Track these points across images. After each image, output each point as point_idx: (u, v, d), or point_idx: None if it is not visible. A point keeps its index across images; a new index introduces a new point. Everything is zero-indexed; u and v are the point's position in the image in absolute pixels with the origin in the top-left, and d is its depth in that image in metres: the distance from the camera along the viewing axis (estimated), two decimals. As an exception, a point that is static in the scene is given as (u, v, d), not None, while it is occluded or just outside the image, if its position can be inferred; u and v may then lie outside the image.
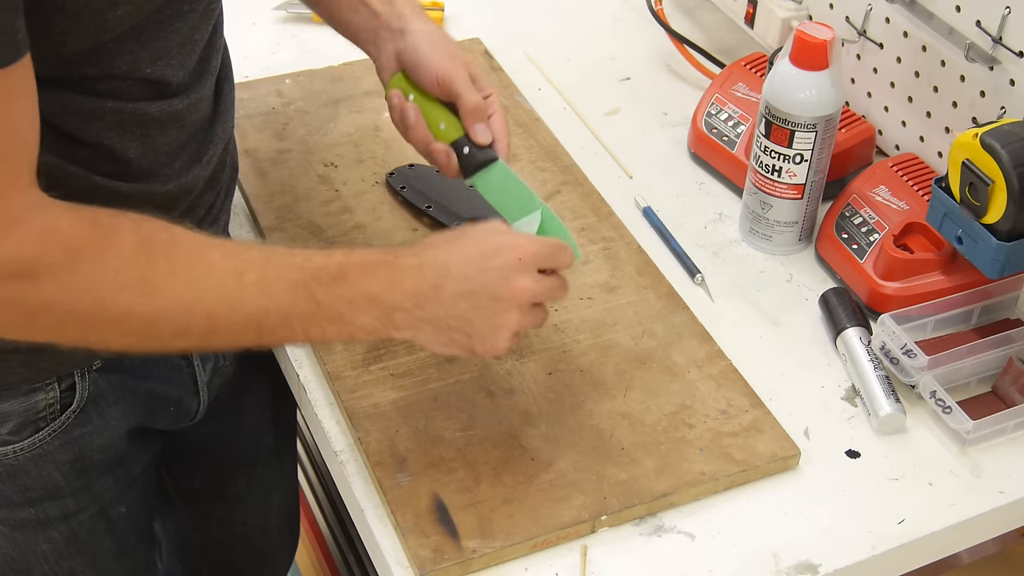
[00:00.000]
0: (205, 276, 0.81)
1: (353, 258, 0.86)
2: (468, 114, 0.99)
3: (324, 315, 0.84)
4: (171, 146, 0.93)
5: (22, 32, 0.72)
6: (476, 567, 0.91)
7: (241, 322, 0.83)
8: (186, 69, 0.91)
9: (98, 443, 1.03)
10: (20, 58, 0.72)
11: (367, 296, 0.85)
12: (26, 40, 0.73)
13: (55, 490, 1.03)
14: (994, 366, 1.07)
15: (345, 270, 0.85)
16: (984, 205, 1.01)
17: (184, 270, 0.81)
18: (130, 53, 0.84)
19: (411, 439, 0.98)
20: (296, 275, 0.84)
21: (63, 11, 0.77)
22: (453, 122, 1.00)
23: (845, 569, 0.94)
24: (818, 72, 1.11)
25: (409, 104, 1.01)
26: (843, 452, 1.02)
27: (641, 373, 1.05)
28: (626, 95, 1.41)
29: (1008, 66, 1.10)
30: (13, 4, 0.70)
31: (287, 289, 0.83)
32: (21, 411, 0.97)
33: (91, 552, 1.10)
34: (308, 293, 0.83)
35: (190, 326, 0.82)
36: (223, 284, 0.82)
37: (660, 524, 0.95)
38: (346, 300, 0.85)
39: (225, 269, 0.82)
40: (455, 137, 1.00)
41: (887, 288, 1.12)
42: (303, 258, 0.85)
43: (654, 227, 1.22)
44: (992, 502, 0.99)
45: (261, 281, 0.83)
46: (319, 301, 0.84)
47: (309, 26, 1.48)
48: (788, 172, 1.15)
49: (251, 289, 0.82)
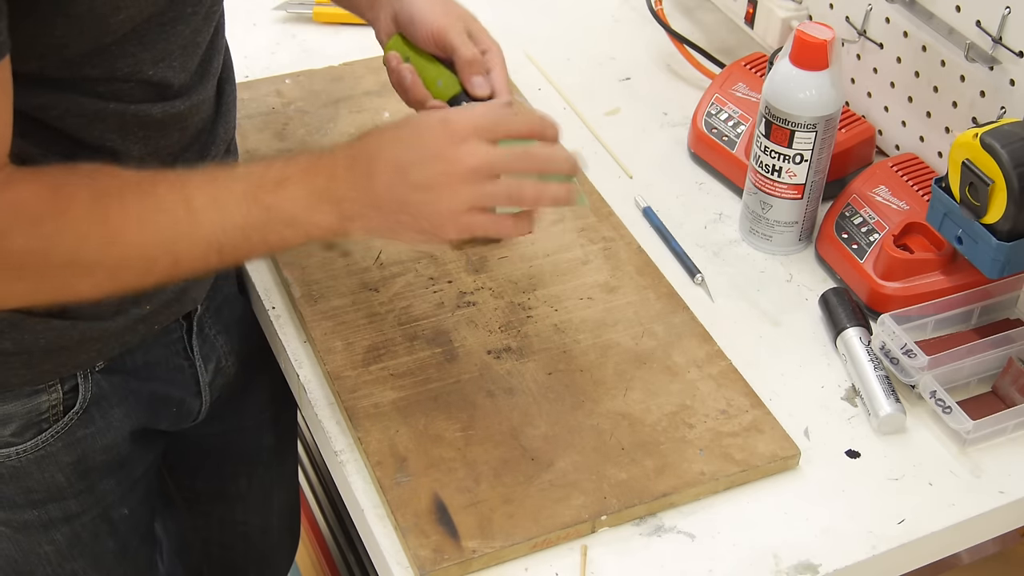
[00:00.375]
0: (157, 210, 0.82)
1: (294, 161, 0.86)
2: (464, 67, 0.98)
3: (277, 219, 0.84)
4: (173, 148, 0.94)
5: (3, 35, 0.73)
6: (476, 567, 0.91)
7: (202, 245, 0.83)
8: (188, 71, 0.91)
9: (101, 444, 1.04)
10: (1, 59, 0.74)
11: (313, 193, 0.84)
12: (7, 43, 0.74)
13: (58, 492, 1.03)
14: (994, 366, 1.07)
15: (287, 172, 0.85)
16: (984, 205, 1.01)
17: (137, 210, 0.82)
18: (132, 55, 0.85)
19: (411, 439, 0.98)
20: (242, 187, 0.84)
21: (66, 16, 0.78)
22: (451, 79, 0.99)
23: (845, 569, 0.94)
24: (818, 72, 1.11)
25: (405, 66, 1.00)
26: (843, 452, 1.02)
27: (641, 373, 1.05)
28: (626, 95, 1.41)
29: (1008, 66, 1.10)
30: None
31: (236, 202, 0.83)
32: (24, 413, 0.98)
33: (93, 554, 1.10)
34: (257, 201, 0.83)
35: (155, 260, 0.84)
36: (175, 214, 0.82)
37: (660, 524, 0.95)
38: (294, 199, 0.84)
39: (175, 200, 0.83)
40: (453, 93, 0.99)
41: (887, 288, 1.12)
42: (245, 170, 0.86)
43: (654, 227, 1.22)
44: (992, 502, 0.99)
45: (211, 201, 0.83)
46: (269, 206, 0.84)
47: (309, 26, 1.48)
48: (788, 172, 1.15)
49: (203, 211, 0.83)
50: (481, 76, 0.99)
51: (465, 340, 1.07)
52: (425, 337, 1.07)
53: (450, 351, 1.06)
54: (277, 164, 0.86)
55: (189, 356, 1.10)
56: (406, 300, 1.10)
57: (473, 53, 0.98)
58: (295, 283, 1.10)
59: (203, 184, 0.84)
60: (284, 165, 0.85)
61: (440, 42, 0.99)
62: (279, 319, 1.10)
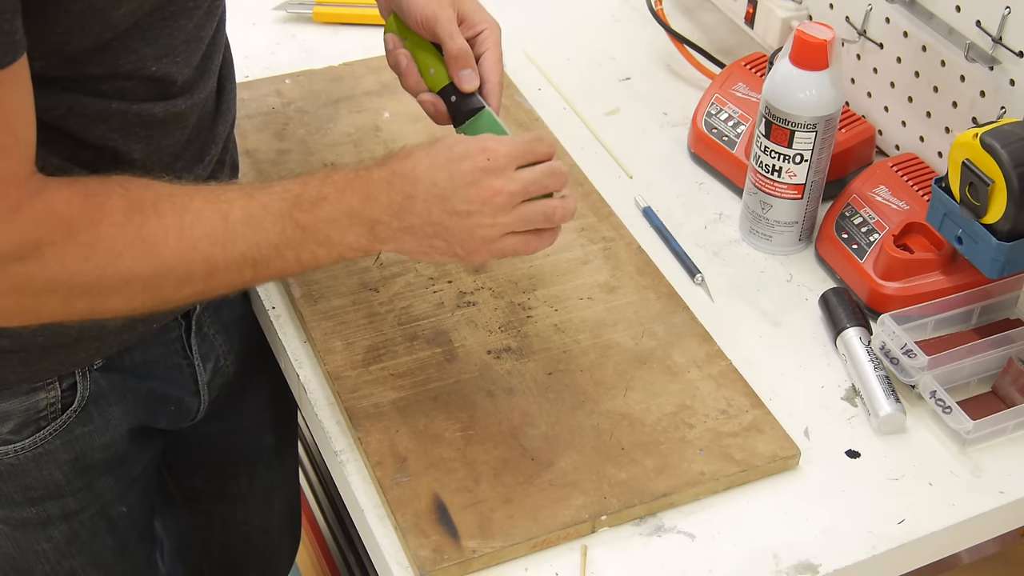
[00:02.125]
0: (194, 223, 0.83)
1: (330, 180, 0.87)
2: (451, 61, 0.98)
3: (312, 239, 0.85)
4: (175, 147, 0.94)
5: (20, 33, 0.73)
6: (476, 567, 0.91)
7: (237, 260, 0.84)
8: (190, 67, 0.91)
9: (99, 442, 1.04)
10: (19, 58, 0.73)
11: (347, 214, 0.85)
12: (24, 40, 0.73)
13: (56, 489, 1.03)
14: (994, 366, 1.07)
15: (324, 192, 0.86)
16: (984, 205, 1.01)
17: (174, 222, 0.82)
18: (135, 51, 0.84)
19: (411, 439, 0.98)
20: (278, 205, 0.85)
21: (68, 11, 0.78)
22: (442, 69, 0.99)
23: (845, 569, 0.94)
24: (818, 72, 1.11)
25: (401, 51, 1.00)
26: (843, 452, 1.02)
27: (641, 373, 1.05)
28: (626, 95, 1.41)
29: (1008, 66, 1.10)
30: (11, 6, 0.71)
31: (272, 220, 0.84)
32: (22, 410, 0.98)
33: (92, 551, 1.10)
34: (293, 220, 0.84)
35: (190, 274, 0.84)
36: (212, 227, 0.83)
37: (660, 524, 0.95)
38: (329, 221, 0.85)
39: (211, 213, 0.83)
40: (444, 84, 0.99)
41: (887, 288, 1.12)
42: (282, 188, 0.86)
43: (654, 227, 1.22)
44: (992, 502, 0.99)
45: (247, 217, 0.84)
46: (304, 226, 0.85)
47: (309, 26, 1.48)
48: (788, 172, 1.15)
49: (239, 226, 0.83)
50: (469, 69, 0.98)
51: (465, 340, 1.07)
52: (425, 337, 1.07)
53: (450, 351, 1.06)
54: (313, 183, 0.86)
55: (188, 355, 1.10)
56: (406, 300, 1.10)
57: (459, 47, 0.97)
58: (295, 283, 1.10)
59: (239, 199, 0.84)
60: (320, 184, 0.86)
61: (430, 32, 0.98)
62: (279, 319, 1.10)
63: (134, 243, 0.81)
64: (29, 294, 0.80)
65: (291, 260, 0.86)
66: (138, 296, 0.84)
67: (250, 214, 0.84)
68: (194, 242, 0.83)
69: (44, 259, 0.78)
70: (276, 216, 0.84)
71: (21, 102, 0.76)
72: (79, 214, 0.79)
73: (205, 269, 0.84)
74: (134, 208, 0.81)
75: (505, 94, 1.35)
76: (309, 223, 0.85)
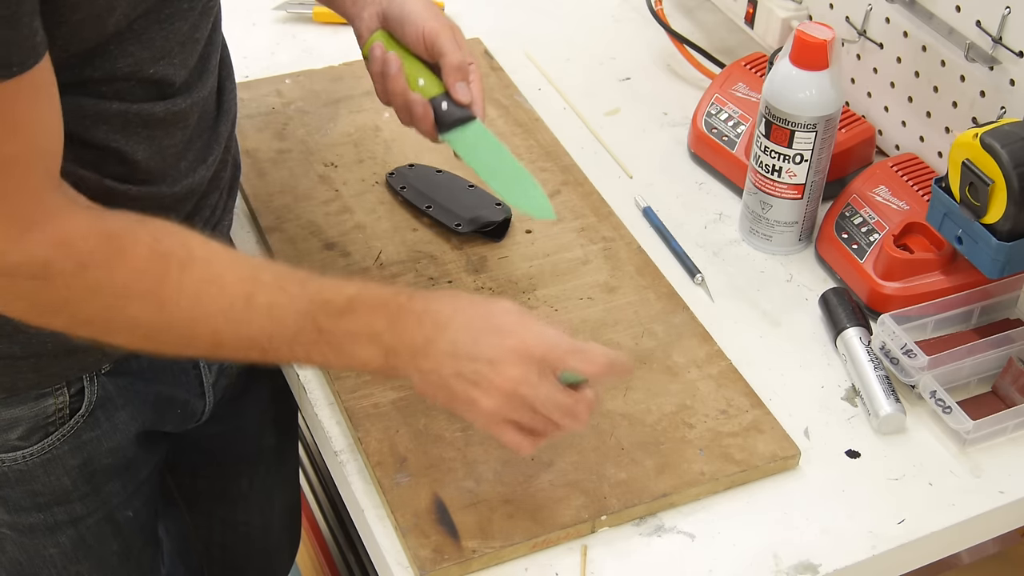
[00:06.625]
0: (216, 297, 0.82)
1: (366, 293, 0.86)
2: (452, 71, 0.99)
3: (327, 343, 0.85)
4: (177, 147, 0.93)
5: (40, 34, 0.72)
6: (476, 567, 0.91)
7: (246, 342, 0.84)
8: (188, 67, 0.91)
9: (107, 447, 1.03)
10: (40, 60, 0.72)
11: (369, 334, 0.85)
12: (44, 42, 0.72)
13: (63, 495, 1.03)
14: (994, 366, 1.07)
15: (354, 306, 0.85)
16: (984, 205, 1.01)
17: (195, 288, 0.82)
18: (131, 55, 0.84)
19: (411, 439, 0.98)
20: (305, 305, 0.84)
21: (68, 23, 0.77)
22: (432, 80, 1.01)
23: (845, 569, 0.94)
24: (818, 72, 1.11)
25: (391, 54, 1.01)
26: (843, 452, 1.02)
27: (641, 373, 1.05)
28: (626, 95, 1.41)
29: (1008, 66, 1.10)
30: (30, 7, 0.70)
31: (295, 318, 0.84)
32: (31, 416, 0.97)
33: (98, 556, 1.10)
34: (314, 322, 0.84)
35: (195, 339, 0.84)
36: (232, 306, 0.82)
37: (660, 524, 0.95)
38: (349, 333, 0.85)
39: (236, 292, 0.83)
40: (434, 94, 1.00)
41: (887, 288, 1.12)
42: (315, 290, 0.85)
43: (654, 227, 1.22)
44: (992, 502, 0.99)
45: (270, 307, 0.83)
46: (323, 330, 0.84)
47: (309, 26, 1.48)
48: (788, 172, 1.15)
49: (259, 313, 0.83)
50: (465, 83, 1.00)
51: (465, 340, 1.06)
52: (425, 337, 1.06)
53: (450, 351, 1.05)
54: (347, 291, 0.85)
55: None
56: (406, 300, 1.10)
57: (461, 59, 1.00)
58: (295, 283, 1.10)
59: (269, 287, 0.84)
60: (353, 295, 0.85)
61: (430, 44, 1.00)
62: (279, 319, 1.10)
63: (146, 295, 0.80)
64: (37, 307, 0.81)
65: (300, 355, 0.85)
66: (141, 342, 0.84)
67: (274, 304, 0.83)
68: (208, 314, 0.82)
69: (53, 282, 0.78)
70: (299, 315, 0.84)
71: (43, 110, 0.75)
72: (92, 251, 0.79)
73: (212, 341, 0.83)
74: (158, 261, 0.81)
75: (505, 94, 1.36)
76: (329, 329, 0.84)
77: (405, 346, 0.85)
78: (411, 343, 0.85)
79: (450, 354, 0.84)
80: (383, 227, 1.18)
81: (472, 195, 1.20)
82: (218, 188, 1.02)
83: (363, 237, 1.17)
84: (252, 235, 1.19)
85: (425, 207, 1.19)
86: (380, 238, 1.17)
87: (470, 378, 0.84)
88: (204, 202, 0.99)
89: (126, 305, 0.81)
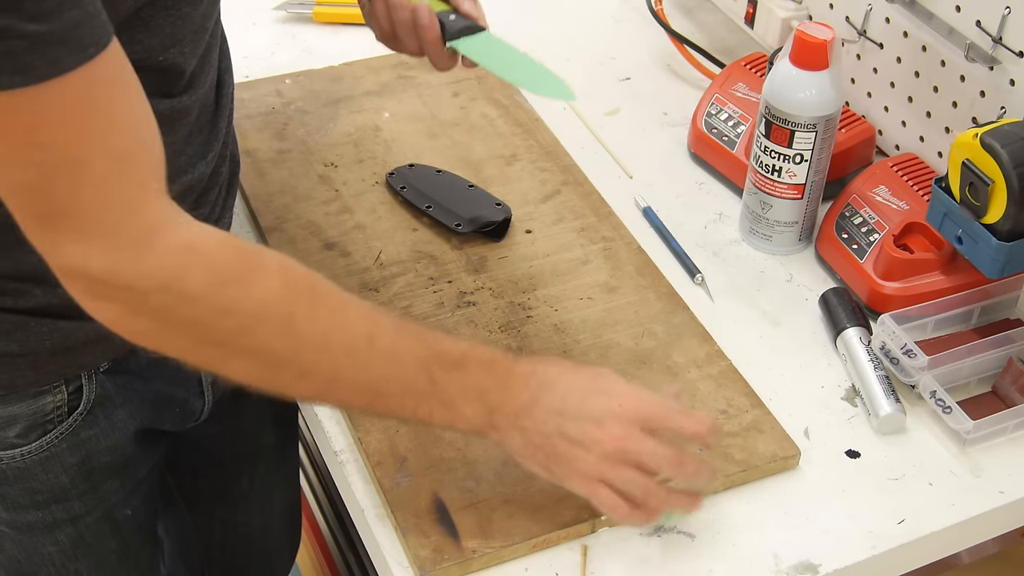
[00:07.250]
0: (342, 329, 0.82)
1: (475, 351, 0.87)
2: None
3: (438, 397, 0.85)
4: (178, 144, 0.93)
5: (103, 14, 0.69)
6: (476, 567, 0.91)
7: (363, 383, 0.83)
8: (196, 56, 0.91)
9: (105, 445, 1.03)
10: (112, 39, 0.70)
11: (478, 390, 0.85)
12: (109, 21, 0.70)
13: (62, 493, 1.03)
14: (994, 366, 1.07)
15: (466, 360, 0.86)
16: (984, 205, 1.01)
17: (325, 320, 0.81)
18: (140, 42, 0.83)
19: (411, 439, 0.98)
20: (423, 352, 0.84)
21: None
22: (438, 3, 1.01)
23: (845, 569, 0.94)
24: (818, 72, 1.11)
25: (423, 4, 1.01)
26: (843, 452, 1.02)
27: (641, 373, 1.05)
28: (626, 95, 1.41)
29: (1008, 66, 1.10)
30: None
31: (412, 365, 0.84)
32: (29, 414, 0.97)
33: (97, 554, 1.10)
34: (429, 372, 0.84)
35: (315, 374, 0.82)
36: (355, 344, 0.82)
37: (660, 524, 0.95)
38: (460, 388, 0.85)
39: (360, 330, 0.82)
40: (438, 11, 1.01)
41: (887, 288, 1.12)
42: (432, 338, 0.86)
43: (654, 227, 1.22)
44: (992, 502, 0.99)
45: (391, 349, 0.83)
46: (436, 382, 0.84)
47: (309, 26, 1.48)
48: (788, 172, 1.15)
49: (380, 355, 0.83)
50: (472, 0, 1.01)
51: (465, 340, 1.07)
52: (425, 337, 1.06)
53: (450, 351, 1.05)
54: (459, 346, 0.86)
55: None
56: (406, 300, 1.10)
57: None
58: (295, 283, 1.10)
59: (390, 330, 0.83)
60: (465, 350, 0.86)
61: None
62: (279, 319, 1.10)
63: (278, 318, 0.79)
64: (166, 324, 0.78)
65: (408, 407, 0.85)
66: (257, 371, 0.82)
67: (396, 349, 0.83)
68: (334, 347, 0.81)
69: (188, 295, 0.75)
70: (417, 361, 0.83)
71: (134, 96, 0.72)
72: (231, 263, 0.77)
73: (330, 377, 0.82)
74: (291, 286, 0.80)
75: (505, 94, 1.36)
76: (442, 381, 0.84)
77: (511, 406, 0.86)
78: (517, 402, 0.86)
79: (557, 412, 0.86)
80: (383, 227, 1.18)
81: (472, 195, 1.20)
82: (217, 184, 1.02)
83: (363, 237, 1.17)
84: (252, 235, 1.19)
85: (425, 207, 1.19)
86: (380, 238, 1.17)
87: (574, 436, 0.86)
88: (204, 199, 0.99)
89: (258, 327, 0.78)
